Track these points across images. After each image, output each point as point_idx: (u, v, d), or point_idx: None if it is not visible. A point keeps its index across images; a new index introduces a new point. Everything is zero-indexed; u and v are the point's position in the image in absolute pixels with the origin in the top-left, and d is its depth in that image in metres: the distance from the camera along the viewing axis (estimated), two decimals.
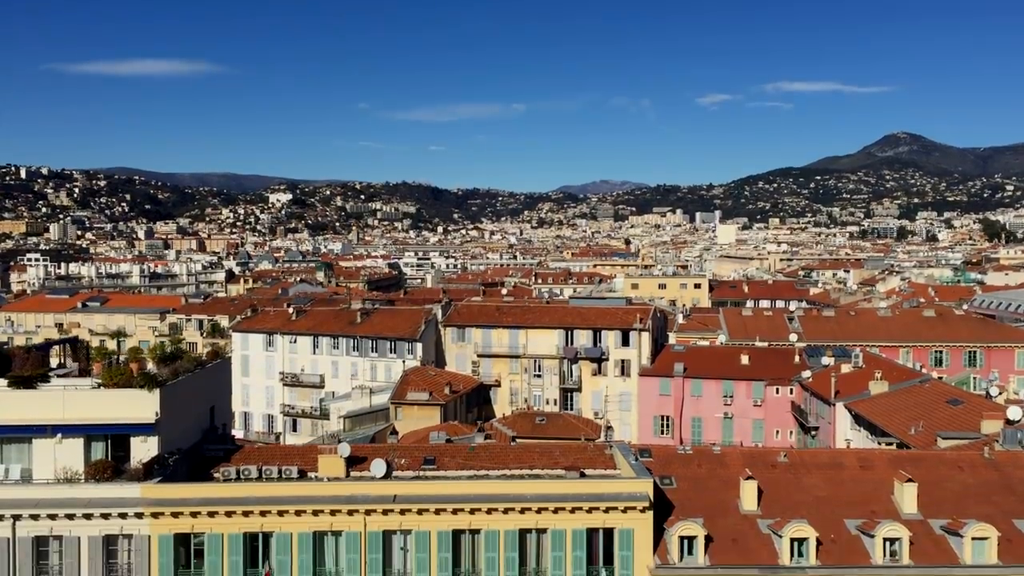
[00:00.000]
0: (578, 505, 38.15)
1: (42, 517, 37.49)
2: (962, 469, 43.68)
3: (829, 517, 40.38)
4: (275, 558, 38.30)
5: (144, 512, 37.59)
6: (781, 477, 42.88)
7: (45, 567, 38.10)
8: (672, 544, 38.90)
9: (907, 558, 38.61)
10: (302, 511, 37.90)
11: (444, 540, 38.35)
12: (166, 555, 37.94)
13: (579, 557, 38.47)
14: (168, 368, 43.01)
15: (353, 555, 38.27)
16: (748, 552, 39.29)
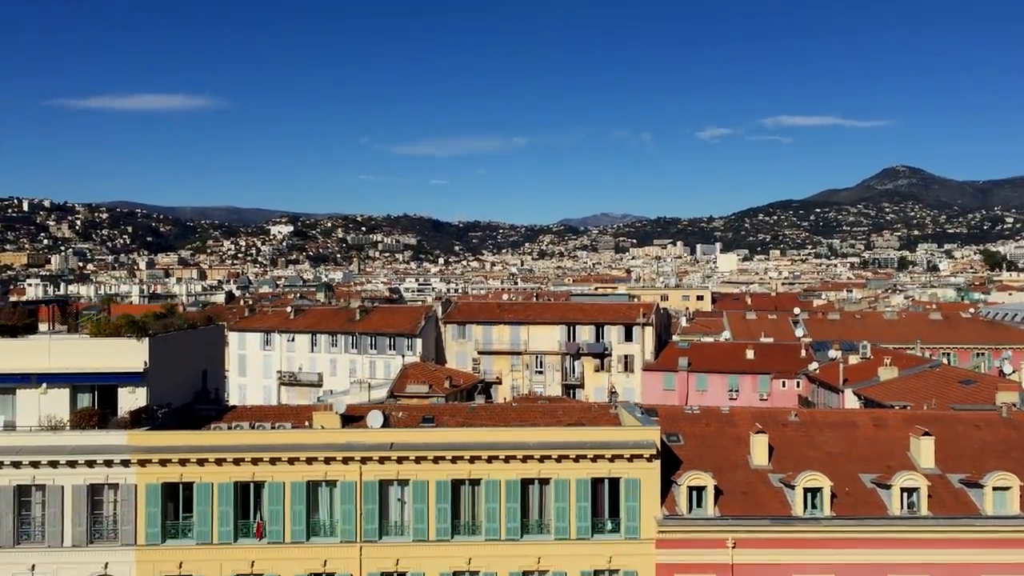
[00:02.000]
0: (582, 453, 36.62)
1: (24, 465, 35.96)
2: (979, 428, 42.19)
3: (843, 471, 38.83)
4: (267, 508, 36.74)
5: (131, 459, 36.08)
6: (792, 435, 41.39)
7: (27, 517, 36.55)
8: (680, 495, 37.32)
9: (925, 509, 37.01)
10: (295, 459, 36.38)
11: (443, 490, 36.79)
12: (154, 505, 36.39)
13: (583, 508, 36.87)
14: (159, 324, 41.75)
15: (348, 505, 36.69)
16: (760, 504, 37.69)
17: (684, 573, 36.87)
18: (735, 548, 36.71)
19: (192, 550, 36.43)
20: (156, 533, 36.40)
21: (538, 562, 36.87)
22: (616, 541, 36.88)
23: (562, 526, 36.94)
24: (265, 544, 36.60)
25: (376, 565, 36.69)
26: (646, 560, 36.77)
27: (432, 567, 36.74)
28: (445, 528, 36.82)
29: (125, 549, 36.31)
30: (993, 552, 36.55)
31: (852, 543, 36.69)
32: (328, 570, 36.66)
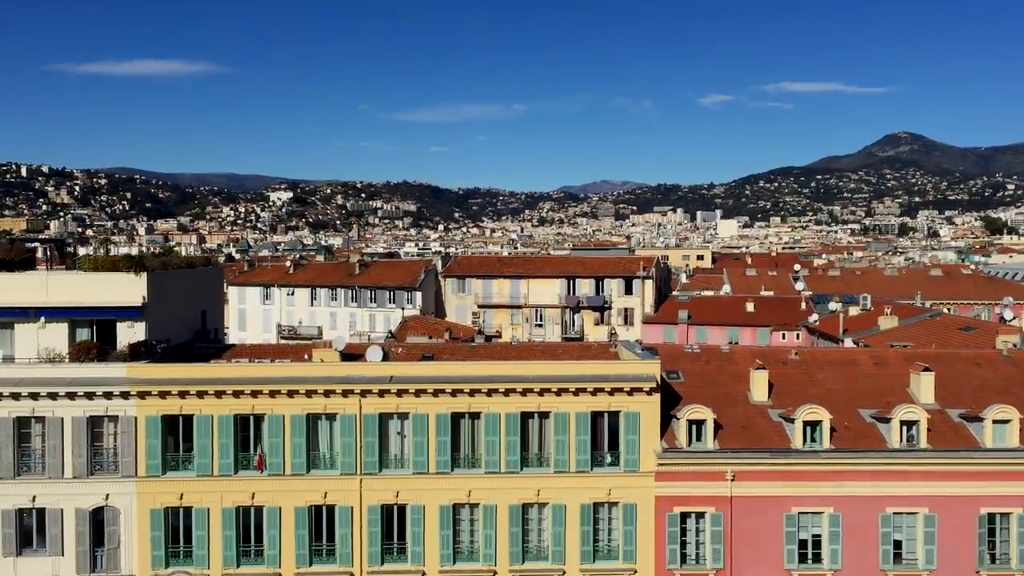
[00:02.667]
0: (582, 387, 36.53)
1: (23, 396, 35.90)
2: (980, 366, 42.12)
3: (843, 406, 38.81)
4: (267, 441, 36.74)
5: (130, 391, 36.01)
6: (792, 372, 41.31)
7: (27, 450, 36.55)
8: (680, 429, 37.32)
9: (925, 442, 37.03)
10: (295, 392, 36.32)
11: (442, 423, 36.77)
12: (154, 437, 36.38)
13: (583, 441, 36.87)
14: (157, 261, 41.54)
15: (348, 438, 36.69)
16: (759, 438, 37.71)
17: (683, 506, 36.97)
18: (734, 481, 36.78)
19: (192, 482, 36.49)
20: (156, 465, 36.42)
21: (537, 495, 36.95)
22: (615, 474, 36.93)
23: (561, 459, 36.96)
24: (265, 476, 36.65)
25: (376, 497, 36.76)
26: (645, 493, 36.84)
27: (432, 500, 36.81)
28: (445, 461, 36.84)
29: (125, 481, 36.36)
30: (993, 485, 36.64)
31: (851, 476, 36.76)
32: (328, 502, 36.74)
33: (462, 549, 37.20)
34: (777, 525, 36.85)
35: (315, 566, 36.84)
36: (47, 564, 36.36)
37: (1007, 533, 36.94)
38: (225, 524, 36.56)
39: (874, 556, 36.74)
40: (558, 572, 36.92)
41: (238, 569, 36.68)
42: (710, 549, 36.93)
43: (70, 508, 36.24)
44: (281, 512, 36.65)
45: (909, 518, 36.91)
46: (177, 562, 36.72)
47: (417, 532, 36.86)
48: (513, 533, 36.90)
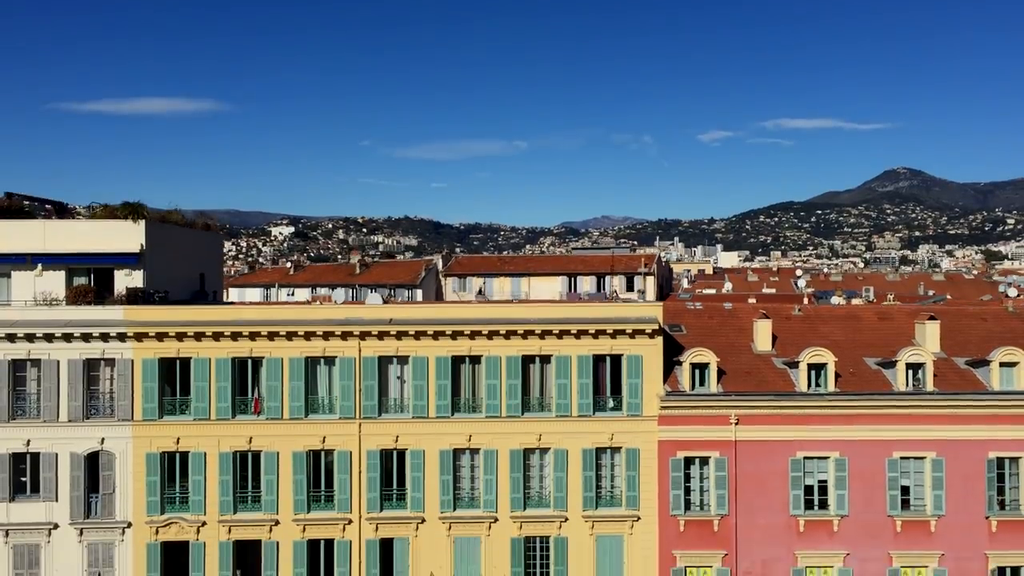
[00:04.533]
0: (584, 328, 36.13)
1: (19, 338, 35.55)
2: (985, 320, 41.73)
3: (848, 355, 38.40)
4: (265, 384, 36.30)
5: (127, 333, 35.64)
6: (796, 325, 40.94)
7: (22, 393, 36.11)
8: (683, 373, 36.88)
9: (931, 385, 36.56)
10: (293, 334, 35.93)
11: (443, 367, 36.33)
12: (150, 380, 35.94)
13: (585, 385, 36.40)
14: (156, 214, 41.33)
15: (347, 382, 36.24)
16: (763, 383, 37.27)
17: (687, 450, 36.40)
18: (738, 425, 36.25)
19: (189, 426, 35.99)
20: (153, 409, 35.94)
21: (539, 440, 36.41)
22: (618, 418, 36.41)
23: (563, 403, 36.46)
24: (263, 420, 36.16)
25: (375, 442, 36.23)
26: (648, 437, 36.30)
27: (432, 444, 36.28)
28: (445, 405, 36.35)
29: (122, 425, 35.87)
30: (1001, 428, 36.09)
31: (856, 419, 36.23)
32: (327, 446, 36.21)
33: (462, 495, 36.59)
34: (782, 470, 36.25)
35: (313, 512, 36.22)
36: (40, 509, 35.76)
37: (1016, 478, 36.32)
38: (222, 469, 36.01)
39: (881, 501, 36.10)
40: (560, 518, 36.27)
41: (235, 515, 36.06)
42: (714, 495, 36.31)
43: (65, 452, 35.70)
44: (279, 457, 36.11)
45: (916, 463, 36.31)
46: (173, 508, 36.11)
47: (417, 477, 36.27)
48: (514, 479, 36.30)
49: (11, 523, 35.63)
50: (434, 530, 36.26)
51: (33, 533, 35.70)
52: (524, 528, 36.34)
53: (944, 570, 35.80)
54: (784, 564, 36.12)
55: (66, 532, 35.70)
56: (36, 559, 35.73)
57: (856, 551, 35.98)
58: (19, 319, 35.75)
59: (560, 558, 36.32)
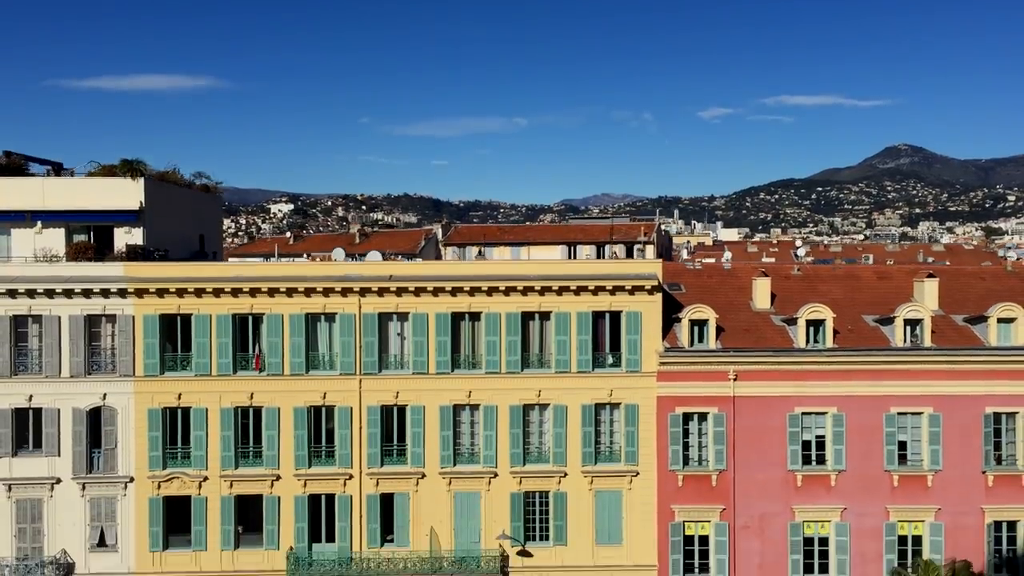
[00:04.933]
0: (583, 285, 36.18)
1: (20, 294, 35.63)
2: (984, 279, 41.88)
3: (847, 313, 38.51)
4: (266, 340, 36.43)
5: (128, 289, 35.72)
6: (795, 284, 41.02)
7: (24, 349, 36.24)
8: (682, 330, 37.01)
9: (928, 341, 36.70)
10: (294, 290, 35.99)
11: (442, 323, 36.43)
12: (151, 336, 36.06)
13: (584, 341, 36.52)
14: (156, 173, 41.26)
15: (347, 338, 36.36)
16: (762, 340, 37.41)
17: (685, 406, 36.59)
18: (737, 381, 36.42)
19: (190, 382, 36.15)
20: (154, 365, 36.09)
21: (538, 395, 36.57)
22: (617, 375, 36.57)
23: (563, 359, 36.60)
24: (264, 376, 36.31)
25: (375, 398, 36.40)
26: (647, 393, 36.47)
27: (431, 400, 36.44)
28: (445, 361, 36.48)
29: (123, 380, 36.03)
30: (998, 384, 36.26)
31: (854, 375, 36.40)
32: (327, 402, 36.38)
33: (462, 451, 36.81)
34: (780, 425, 36.45)
35: (314, 467, 36.44)
36: (43, 464, 35.98)
37: (1013, 433, 36.52)
38: (223, 425, 36.20)
39: (878, 456, 36.33)
40: (559, 474, 36.52)
41: (236, 470, 36.29)
42: (713, 450, 36.53)
43: (67, 407, 35.88)
44: (280, 413, 36.30)
45: (914, 418, 36.51)
46: (175, 463, 36.33)
47: (417, 433, 36.48)
48: (514, 434, 36.51)
49: (14, 478, 35.87)
50: (434, 485, 36.50)
51: (36, 488, 35.95)
52: (524, 483, 36.59)
53: (940, 524, 36.07)
54: (781, 518, 36.40)
55: (69, 487, 35.94)
56: (39, 513, 36.02)
57: (853, 505, 36.25)
58: (20, 275, 35.83)
59: (559, 513, 36.60)
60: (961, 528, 35.91)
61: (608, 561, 36.52)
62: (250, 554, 36.37)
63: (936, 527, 36.08)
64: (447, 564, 36.02)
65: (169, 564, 36.21)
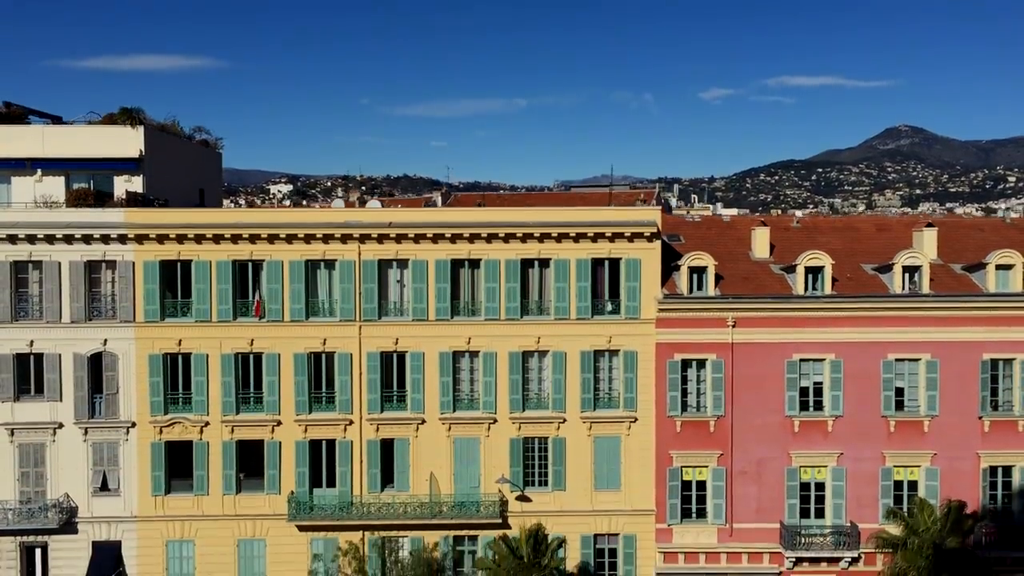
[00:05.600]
0: (582, 231, 36.29)
1: (20, 239, 35.72)
2: (983, 230, 42.02)
3: (846, 263, 38.61)
4: (266, 287, 36.53)
5: (128, 235, 35.80)
6: (794, 236, 41.10)
7: (24, 295, 36.36)
8: (681, 277, 37.14)
9: (927, 287, 36.83)
10: (294, 236, 36.08)
11: (442, 270, 36.54)
12: (152, 282, 36.17)
13: (583, 288, 36.65)
14: (156, 124, 41.25)
15: (347, 285, 36.48)
16: (760, 287, 37.54)
17: (684, 352, 36.76)
18: (735, 327, 36.57)
19: (191, 327, 36.28)
20: (155, 311, 36.21)
21: (538, 342, 36.72)
22: (616, 321, 36.71)
23: (562, 306, 36.74)
24: (264, 323, 36.43)
25: (375, 344, 36.54)
26: (646, 340, 36.63)
27: (431, 347, 36.59)
28: (444, 308, 36.62)
29: (123, 326, 36.17)
30: (995, 330, 36.42)
31: (852, 321, 36.54)
32: (327, 349, 36.53)
33: (462, 397, 37.01)
34: (778, 372, 36.63)
35: (315, 413, 36.65)
36: (45, 409, 36.18)
37: (1010, 380, 36.72)
38: (224, 370, 36.37)
39: (876, 403, 36.55)
40: (558, 420, 36.73)
41: (237, 416, 36.49)
42: (711, 396, 36.72)
43: (68, 353, 36.04)
44: (280, 359, 36.46)
45: (911, 364, 36.70)
46: (176, 409, 36.52)
47: (417, 379, 36.66)
48: (513, 380, 36.69)
49: (16, 422, 36.08)
50: (434, 431, 36.73)
51: (38, 432, 36.17)
52: (523, 429, 36.82)
53: (936, 469, 36.34)
54: (779, 463, 36.66)
55: (71, 431, 36.16)
56: (42, 457, 36.26)
57: (850, 451, 36.50)
58: (20, 220, 35.88)
59: (558, 458, 36.84)
60: (957, 473, 36.17)
61: (606, 506, 36.79)
62: (252, 499, 36.64)
63: (932, 472, 36.35)
64: (447, 509, 36.30)
65: (171, 508, 36.47)
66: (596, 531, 36.91)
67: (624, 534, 36.90)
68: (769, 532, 36.58)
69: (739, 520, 36.69)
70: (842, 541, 36.14)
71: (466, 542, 37.00)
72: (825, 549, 36.18)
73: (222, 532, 36.51)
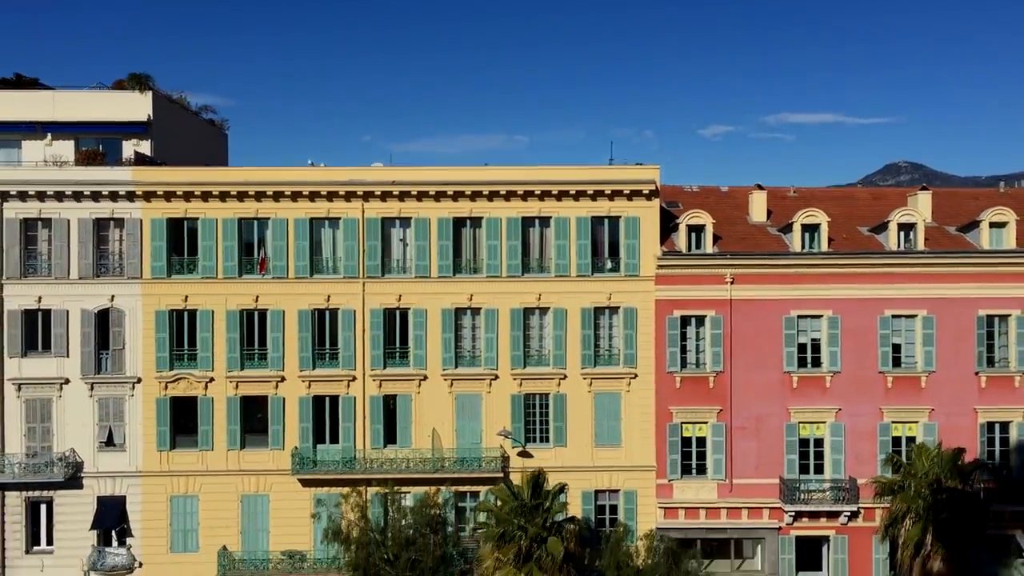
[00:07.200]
0: (582, 190, 36.95)
1: (30, 196, 36.40)
2: (977, 199, 42.53)
3: (842, 226, 39.18)
4: (271, 244, 37.13)
5: (136, 192, 36.49)
6: (791, 204, 41.60)
7: (33, 252, 36.96)
8: (680, 236, 37.75)
9: (922, 245, 37.39)
10: (298, 194, 36.77)
11: (444, 228, 37.15)
12: (159, 239, 36.81)
13: (583, 245, 37.22)
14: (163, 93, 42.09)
15: (351, 242, 37.08)
16: (758, 247, 38.13)
17: (683, 309, 37.23)
18: (733, 284, 37.06)
19: (197, 284, 36.83)
20: (161, 267, 36.79)
21: (538, 299, 37.22)
22: (616, 278, 37.24)
23: (562, 264, 37.28)
24: (269, 279, 36.99)
25: (378, 301, 37.04)
26: (645, 297, 37.13)
27: (433, 304, 37.09)
28: (447, 265, 37.17)
29: (131, 283, 36.72)
30: (991, 286, 36.91)
31: (849, 278, 37.06)
32: (331, 305, 37.03)
33: (464, 353, 37.43)
34: (776, 328, 37.07)
35: (318, 369, 37.07)
36: (52, 365, 36.63)
37: (1006, 336, 37.14)
38: (229, 326, 36.84)
39: (873, 359, 36.93)
40: (559, 376, 37.11)
41: (242, 371, 36.92)
42: (710, 352, 37.13)
43: (75, 309, 36.54)
44: (284, 315, 36.95)
45: (908, 321, 37.14)
46: (182, 364, 36.95)
47: (419, 336, 37.11)
48: (514, 337, 37.13)
49: (23, 378, 36.51)
50: (436, 387, 37.10)
51: (45, 387, 36.58)
52: (524, 385, 37.19)
53: (934, 424, 36.63)
54: (777, 419, 36.98)
55: (77, 387, 36.56)
56: (48, 412, 36.62)
57: (848, 406, 36.83)
58: (30, 178, 36.57)
59: (559, 415, 37.18)
60: (954, 428, 36.41)
61: (607, 462, 37.06)
62: (256, 454, 36.95)
63: (929, 427, 36.64)
64: (448, 464, 36.56)
65: (176, 463, 36.77)
66: (597, 487, 37.14)
67: (624, 490, 37.12)
68: (768, 487, 36.80)
69: (739, 475, 36.92)
70: (841, 496, 36.35)
71: (468, 498, 37.20)
72: (824, 503, 36.38)
73: (226, 487, 36.77)
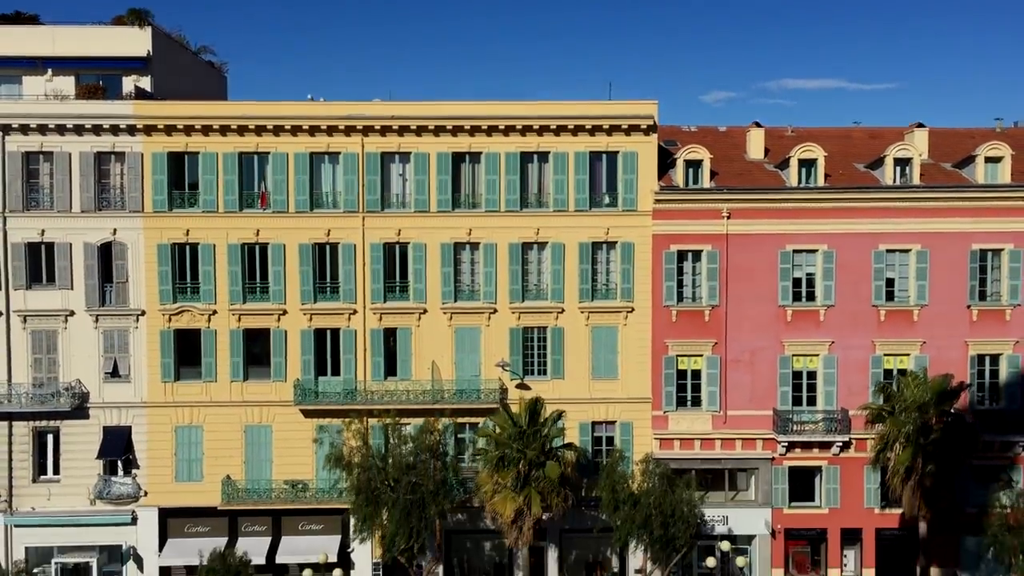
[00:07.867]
0: (580, 124, 37.14)
1: (32, 130, 36.58)
2: (974, 138, 42.65)
3: (838, 162, 39.43)
4: (271, 178, 37.41)
5: (136, 125, 36.67)
6: (789, 142, 41.71)
7: (35, 186, 37.24)
8: (677, 171, 38.04)
9: (917, 179, 37.70)
10: (298, 128, 36.95)
11: (443, 162, 37.40)
12: (160, 173, 37.06)
13: (581, 180, 37.51)
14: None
15: (351, 176, 37.35)
16: (755, 182, 38.42)
17: (680, 243, 37.62)
18: (730, 219, 37.42)
19: (198, 218, 37.17)
20: (163, 201, 37.10)
21: (537, 234, 37.59)
22: (613, 213, 37.59)
23: (560, 199, 37.59)
24: (269, 213, 37.32)
25: (378, 235, 37.41)
26: (642, 232, 37.50)
27: (433, 238, 37.46)
28: (446, 200, 37.47)
29: (132, 216, 37.05)
30: (984, 221, 37.27)
31: (844, 213, 37.40)
32: (331, 239, 37.40)
33: (463, 287, 37.89)
34: (772, 262, 37.50)
35: (319, 303, 37.55)
36: (56, 297, 37.07)
37: (998, 271, 37.58)
38: (231, 260, 37.25)
39: (866, 292, 37.42)
40: (557, 310, 37.61)
41: (244, 305, 37.39)
42: (706, 286, 37.61)
43: (78, 242, 36.91)
44: (285, 249, 37.33)
45: (902, 255, 37.57)
46: (184, 298, 37.41)
47: (419, 270, 37.54)
48: (513, 271, 37.56)
49: (28, 310, 37.00)
50: (436, 320, 37.62)
51: (50, 320, 37.08)
52: (522, 319, 37.71)
53: (926, 356, 37.22)
54: (772, 352, 37.56)
55: (82, 319, 37.06)
56: (54, 344, 37.17)
57: (841, 339, 37.39)
58: (32, 112, 36.74)
59: (557, 348, 37.74)
60: (945, 361, 36.90)
61: (604, 394, 37.71)
62: (258, 385, 37.56)
63: (921, 360, 37.21)
64: (448, 395, 37.21)
65: (180, 394, 37.41)
66: (594, 419, 37.84)
67: (621, 421, 37.82)
68: (762, 419, 37.50)
69: (733, 407, 37.61)
70: (833, 426, 37.08)
71: (467, 429, 37.91)
72: (816, 434, 37.13)
73: (229, 418, 37.45)
